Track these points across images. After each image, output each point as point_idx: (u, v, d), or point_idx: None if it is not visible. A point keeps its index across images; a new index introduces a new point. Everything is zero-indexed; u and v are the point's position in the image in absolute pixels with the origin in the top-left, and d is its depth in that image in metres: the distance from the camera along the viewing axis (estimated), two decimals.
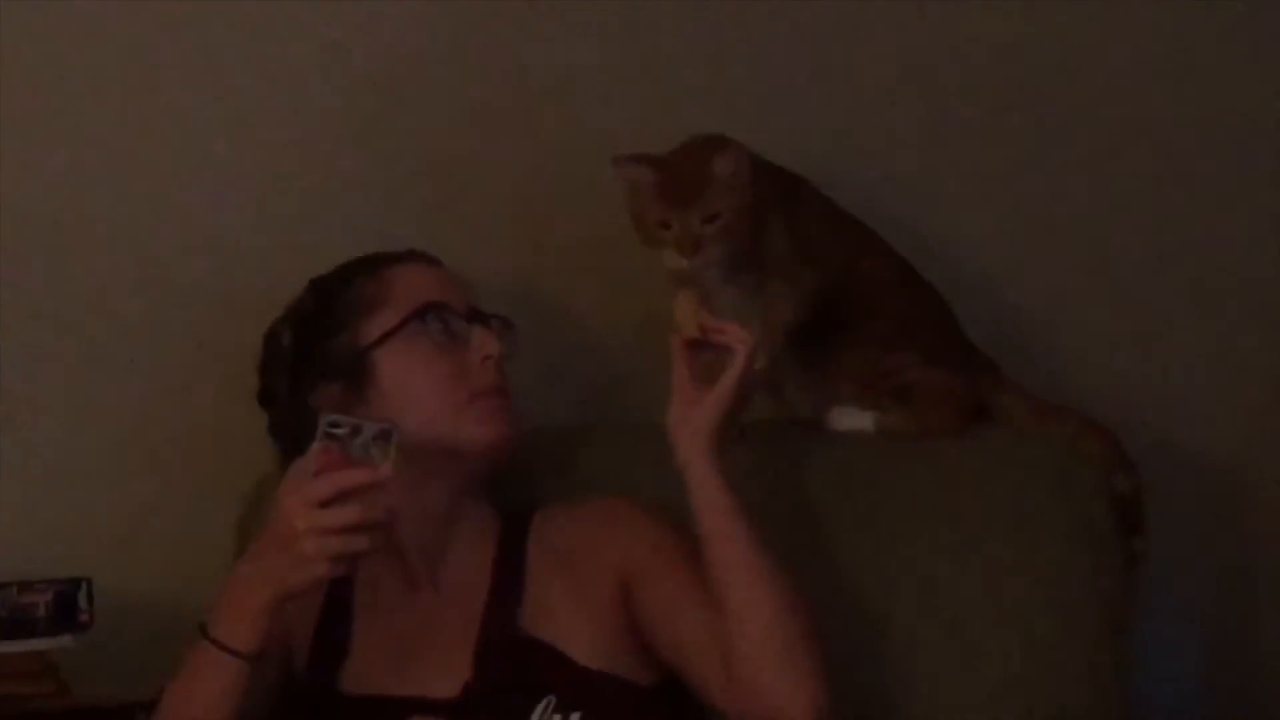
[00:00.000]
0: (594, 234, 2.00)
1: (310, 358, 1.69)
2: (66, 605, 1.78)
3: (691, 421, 1.56)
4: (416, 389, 1.67)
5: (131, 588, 1.94)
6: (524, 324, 1.82)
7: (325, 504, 1.45)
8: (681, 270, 1.72)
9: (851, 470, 1.82)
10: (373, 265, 1.74)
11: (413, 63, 2.10)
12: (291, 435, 1.66)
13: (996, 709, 1.67)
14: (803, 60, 2.14)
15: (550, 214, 2.09)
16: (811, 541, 1.76)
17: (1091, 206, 2.23)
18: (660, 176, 1.73)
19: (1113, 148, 2.23)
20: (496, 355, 1.68)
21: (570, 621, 1.61)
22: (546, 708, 1.56)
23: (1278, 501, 2.25)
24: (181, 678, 1.51)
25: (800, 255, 1.82)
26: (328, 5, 2.06)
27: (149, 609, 1.94)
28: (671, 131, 1.80)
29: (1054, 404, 1.93)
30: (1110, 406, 2.02)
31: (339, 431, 1.49)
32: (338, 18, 2.07)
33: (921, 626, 1.72)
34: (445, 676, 1.59)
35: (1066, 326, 2.21)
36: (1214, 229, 2.24)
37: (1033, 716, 1.67)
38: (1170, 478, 2.05)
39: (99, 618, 1.78)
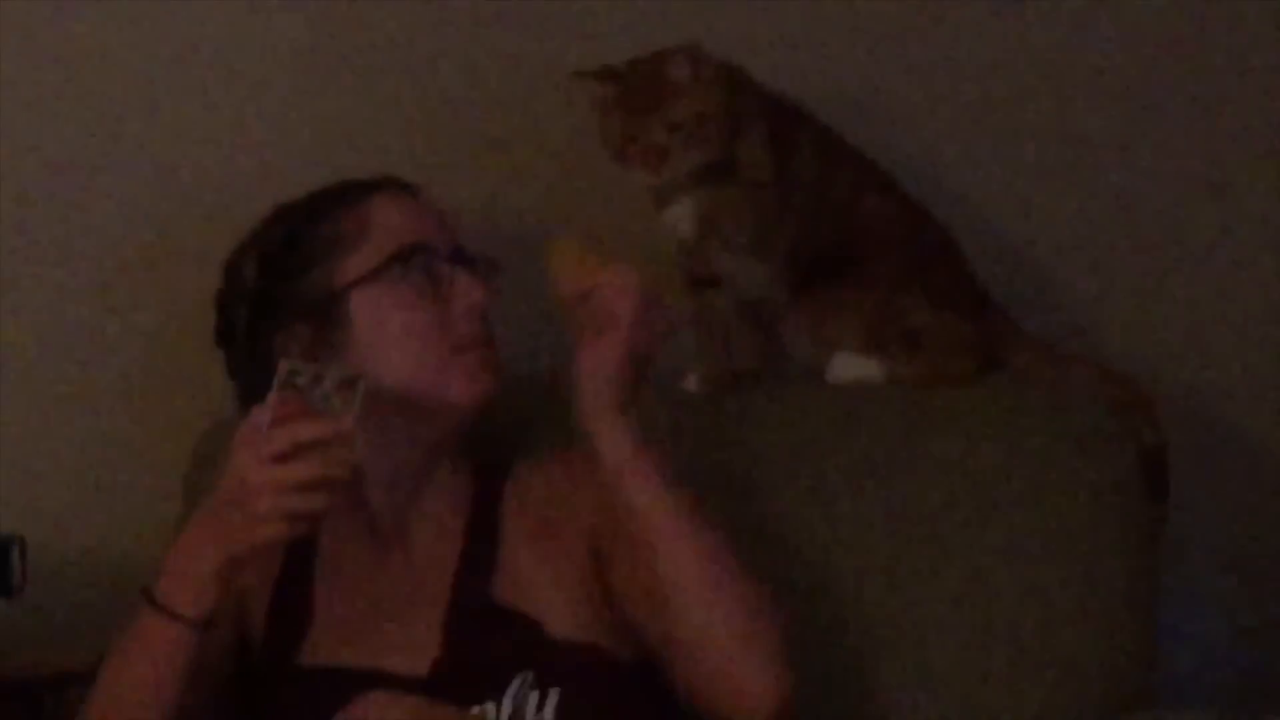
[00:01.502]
0: (579, 165, 1.97)
1: (276, 295, 1.63)
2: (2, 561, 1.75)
3: (599, 375, 1.50)
4: (394, 338, 1.61)
5: (69, 546, 1.93)
6: (506, 260, 1.77)
7: (282, 458, 1.40)
8: (650, 185, 1.73)
9: (854, 423, 1.76)
10: (349, 196, 1.67)
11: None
12: (250, 378, 1.60)
13: (1014, 684, 1.64)
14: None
15: (534, 144, 2.06)
16: (811, 502, 1.71)
17: (1110, 149, 2.19)
18: (619, 88, 1.74)
19: (1133, 87, 2.20)
20: (483, 303, 1.64)
21: (547, 590, 1.58)
22: (522, 684, 1.51)
23: None
24: (122, 646, 1.47)
25: (786, 173, 1.80)
26: None
27: (87, 570, 1.94)
28: None
29: (1073, 354, 1.91)
30: (1131, 363, 2.01)
31: (299, 380, 1.45)
32: None
33: (932, 588, 1.68)
34: (413, 649, 1.56)
35: (1083, 275, 2.19)
36: (1246, 175, 2.20)
37: (1052, 693, 1.63)
38: (1198, 441, 2.04)
39: (32, 579, 1.74)
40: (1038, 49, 2.20)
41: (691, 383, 1.81)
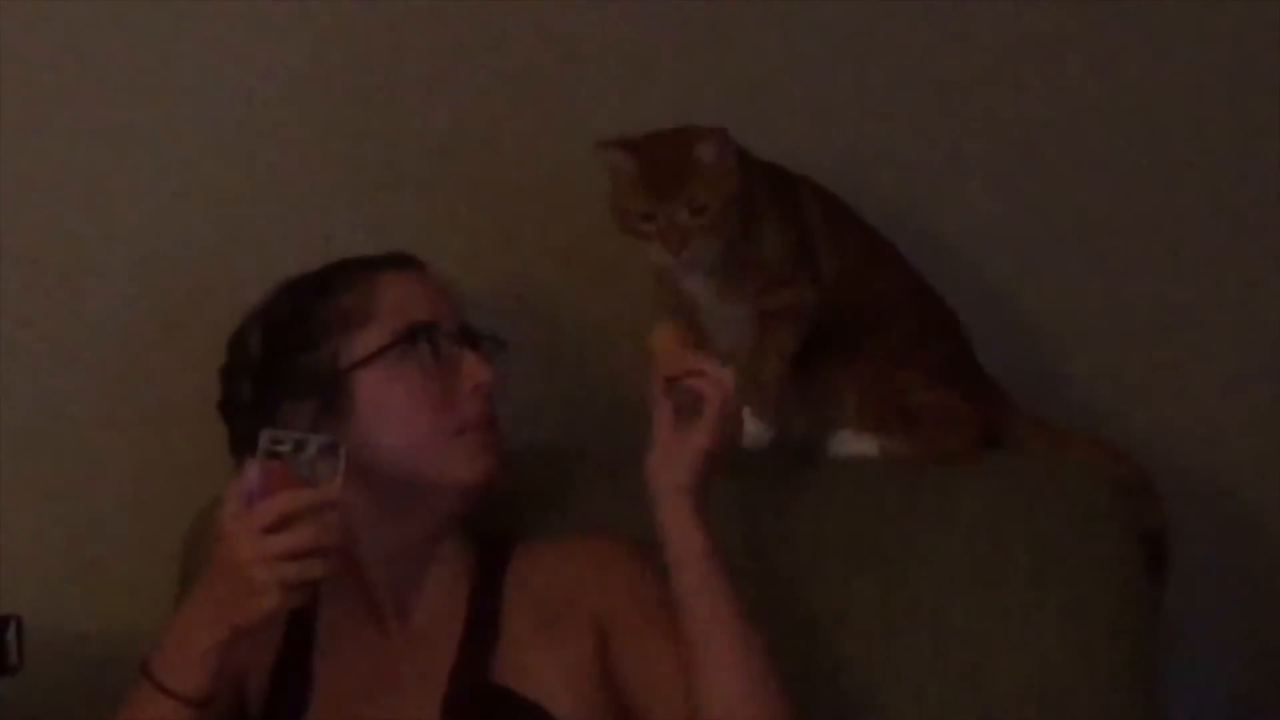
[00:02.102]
0: (589, 241, 1.97)
1: (281, 370, 1.63)
2: None
3: (672, 473, 1.52)
4: (399, 417, 1.62)
5: (65, 625, 1.92)
6: (512, 334, 1.78)
7: (273, 528, 1.40)
8: (666, 267, 1.69)
9: (853, 499, 1.75)
10: (357, 272, 1.67)
11: (404, 66, 2.09)
12: (253, 452, 1.57)
13: None
14: (815, 61, 2.14)
15: (543, 219, 2.07)
16: (809, 578, 1.69)
17: (1113, 233, 2.21)
18: (642, 164, 1.70)
19: (1136, 168, 2.20)
20: (489, 384, 1.63)
21: (549, 672, 1.57)
22: None
23: None
24: None
25: (801, 262, 1.78)
26: (318, 4, 2.06)
27: (84, 648, 1.93)
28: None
29: (1073, 433, 1.91)
30: (1129, 440, 2.00)
31: (282, 449, 1.45)
32: (329, 17, 2.07)
33: (932, 675, 1.66)
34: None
35: (1084, 354, 2.20)
36: (1247, 259, 2.21)
37: None
38: (1195, 514, 2.03)
39: (29, 657, 1.71)
40: (1045, 127, 2.19)
41: None
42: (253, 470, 1.43)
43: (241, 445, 1.63)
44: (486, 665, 1.57)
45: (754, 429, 1.74)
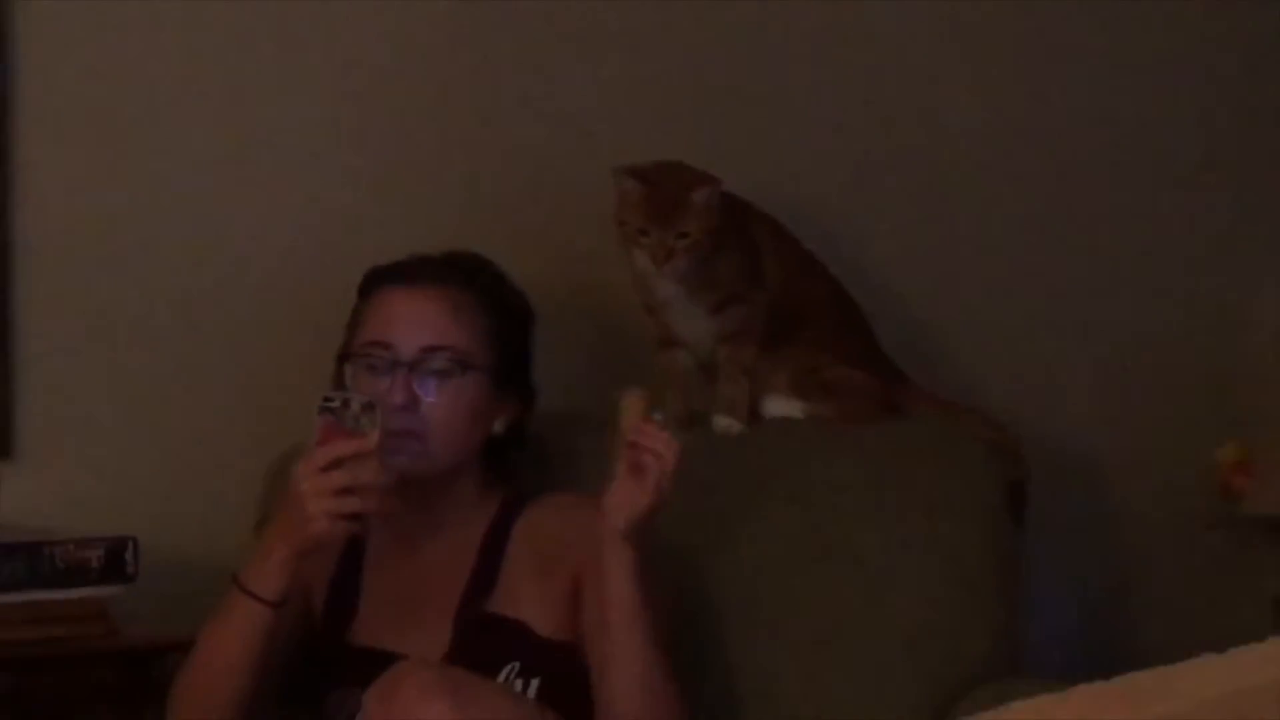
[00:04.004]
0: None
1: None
2: (116, 559, 1.89)
3: (620, 517, 1.64)
4: None
5: (171, 544, 2.03)
6: (557, 312, 2.00)
7: (325, 469, 1.58)
8: (648, 273, 1.89)
9: (781, 453, 2.01)
10: (374, 283, 1.86)
11: (449, 91, 2.26)
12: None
13: (912, 658, 1.85)
14: (769, 101, 2.37)
15: (579, 225, 2.23)
16: (753, 515, 1.94)
17: (988, 251, 2.52)
18: (647, 191, 1.89)
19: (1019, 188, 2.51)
20: (399, 404, 1.73)
21: (535, 604, 1.75)
22: (510, 673, 1.69)
23: (1134, 490, 2.58)
24: (215, 621, 1.65)
25: (751, 278, 1.99)
26: (368, 41, 2.23)
27: (186, 563, 2.03)
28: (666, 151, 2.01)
29: (958, 403, 2.14)
30: (1000, 410, 2.26)
31: (332, 405, 1.61)
32: (376, 47, 2.24)
33: (846, 589, 1.91)
34: (430, 642, 1.73)
35: (968, 341, 2.49)
36: (1099, 272, 2.55)
37: (943, 664, 1.84)
38: (1048, 467, 2.29)
39: (143, 570, 1.89)
40: (931, 160, 2.46)
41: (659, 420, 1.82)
42: (315, 423, 1.60)
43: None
44: (487, 595, 1.77)
45: (724, 423, 1.98)
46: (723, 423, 1.97)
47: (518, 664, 1.70)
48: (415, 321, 1.78)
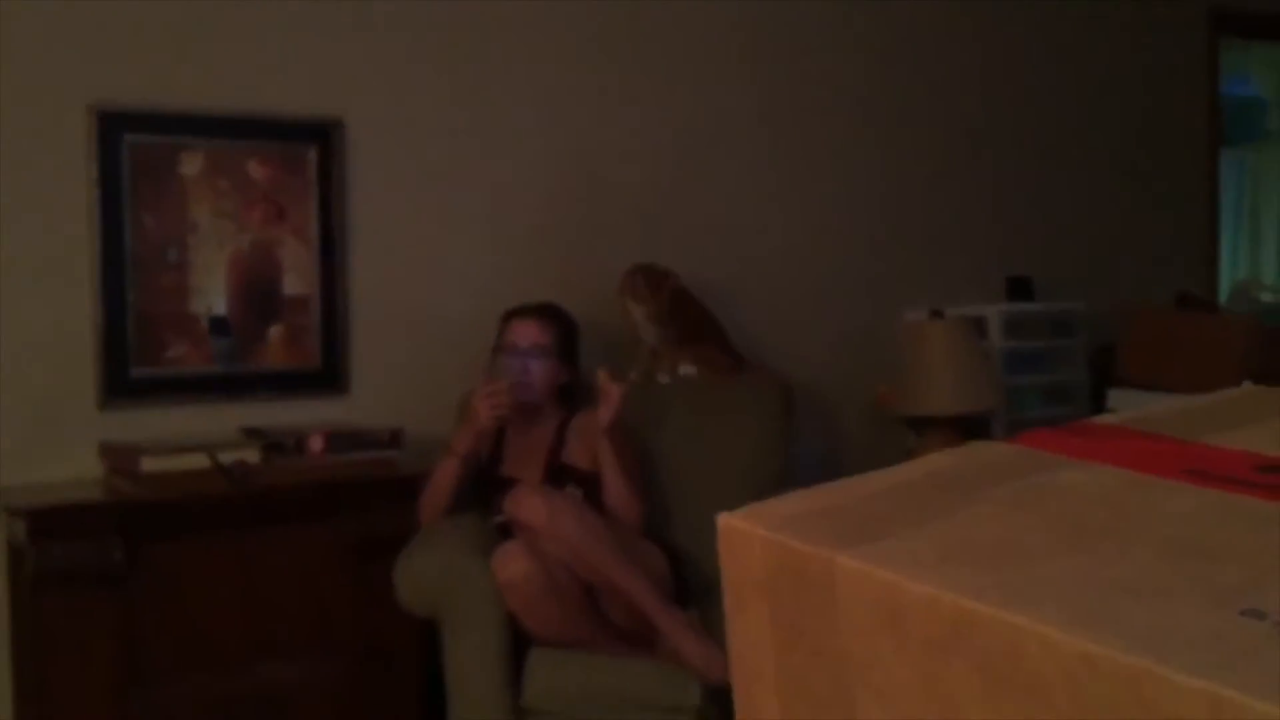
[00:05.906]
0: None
1: None
2: (395, 438, 2.90)
3: (604, 418, 2.59)
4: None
5: (420, 432, 3.01)
6: (588, 329, 2.95)
7: (487, 395, 2.63)
8: (636, 319, 2.99)
9: (688, 392, 3.14)
10: (515, 314, 2.87)
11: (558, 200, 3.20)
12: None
13: (744, 485, 2.90)
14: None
15: (600, 284, 3.17)
16: (669, 418, 3.07)
17: (782, 262, 3.56)
18: (638, 277, 2.99)
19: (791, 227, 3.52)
20: (518, 370, 2.71)
21: (578, 456, 2.80)
22: (570, 488, 2.72)
23: (844, 409, 3.66)
24: (438, 464, 2.75)
25: (669, 315, 3.09)
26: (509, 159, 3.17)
27: (427, 439, 3.01)
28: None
29: (766, 367, 3.31)
30: (779, 367, 3.36)
31: (496, 359, 2.69)
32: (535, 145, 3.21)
33: (706, 448, 3.03)
34: (535, 474, 2.77)
35: (765, 326, 3.61)
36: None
37: (761, 487, 2.65)
38: (806, 408, 3.43)
39: (406, 443, 2.92)
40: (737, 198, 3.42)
41: (632, 377, 3.00)
42: (482, 377, 2.65)
43: None
44: (559, 453, 2.84)
45: (662, 379, 3.04)
46: (661, 379, 3.17)
47: (573, 483, 2.79)
48: (524, 334, 2.88)
